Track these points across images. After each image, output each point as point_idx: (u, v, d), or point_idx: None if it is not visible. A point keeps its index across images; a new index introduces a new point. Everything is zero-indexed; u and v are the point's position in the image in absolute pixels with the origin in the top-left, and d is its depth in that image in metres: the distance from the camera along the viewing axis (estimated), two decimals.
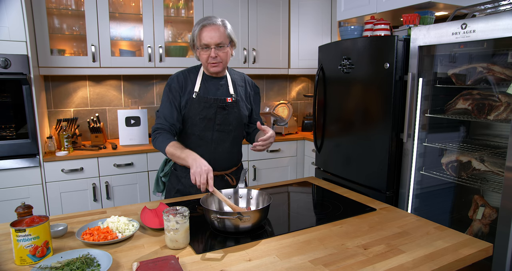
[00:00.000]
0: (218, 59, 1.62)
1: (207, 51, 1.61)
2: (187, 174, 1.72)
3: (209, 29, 1.58)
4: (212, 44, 1.59)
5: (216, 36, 1.58)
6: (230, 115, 1.69)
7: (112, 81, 3.17)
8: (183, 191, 1.75)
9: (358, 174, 2.45)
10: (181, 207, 1.20)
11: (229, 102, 1.69)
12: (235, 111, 1.71)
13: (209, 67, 1.65)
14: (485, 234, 1.99)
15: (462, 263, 1.11)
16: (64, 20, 2.84)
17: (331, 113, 2.69)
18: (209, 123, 1.67)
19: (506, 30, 1.62)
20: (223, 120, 1.68)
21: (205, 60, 1.64)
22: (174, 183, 1.78)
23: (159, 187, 1.88)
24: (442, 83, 2.13)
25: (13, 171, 2.37)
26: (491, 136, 2.19)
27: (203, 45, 1.60)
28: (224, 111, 1.68)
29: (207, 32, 1.58)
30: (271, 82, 3.87)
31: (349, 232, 1.28)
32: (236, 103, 1.71)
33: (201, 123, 1.67)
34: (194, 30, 1.62)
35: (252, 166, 3.20)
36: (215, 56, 1.60)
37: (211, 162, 1.68)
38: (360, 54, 2.36)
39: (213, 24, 1.59)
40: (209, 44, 1.59)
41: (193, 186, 1.72)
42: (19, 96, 2.34)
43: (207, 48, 1.60)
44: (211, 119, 1.67)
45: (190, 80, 1.69)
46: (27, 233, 1.04)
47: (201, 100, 1.65)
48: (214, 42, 1.58)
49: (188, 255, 1.12)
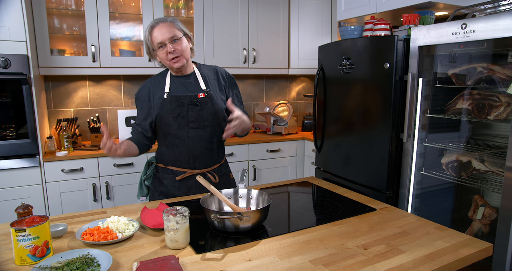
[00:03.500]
0: (176, 53, 1.60)
1: (164, 48, 1.60)
2: (168, 175, 1.73)
3: (158, 28, 1.59)
4: (166, 40, 1.59)
5: (167, 31, 1.58)
6: (203, 111, 1.67)
7: (112, 81, 3.17)
8: (166, 193, 1.74)
9: (358, 174, 2.45)
10: (181, 207, 1.20)
11: (202, 98, 1.67)
12: (209, 106, 1.68)
13: (171, 64, 1.63)
14: (485, 234, 1.99)
15: (462, 263, 1.11)
16: (64, 20, 2.84)
17: (331, 113, 2.69)
18: (182, 122, 1.66)
19: (506, 30, 1.62)
20: (197, 116, 1.66)
21: (165, 59, 1.63)
22: (157, 185, 1.77)
23: (143, 191, 1.86)
24: (442, 83, 2.13)
25: (13, 171, 2.37)
26: (491, 136, 2.19)
27: (158, 45, 1.60)
28: (196, 107, 1.66)
29: (157, 30, 1.59)
30: (271, 82, 3.87)
31: (349, 232, 1.28)
32: (210, 98, 1.68)
33: (175, 122, 1.66)
34: (145, 35, 1.63)
35: (252, 166, 3.20)
36: (173, 50, 1.59)
37: (190, 161, 1.69)
38: (360, 54, 2.36)
39: (160, 22, 1.60)
40: (163, 41, 1.59)
41: (175, 187, 1.72)
42: (19, 96, 2.34)
43: (163, 47, 1.60)
44: (184, 117, 1.66)
45: (159, 84, 1.70)
46: (27, 233, 1.04)
47: (173, 99, 1.65)
48: (166, 37, 1.58)
49: (188, 255, 1.12)
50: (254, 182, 3.24)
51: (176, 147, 1.69)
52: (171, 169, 1.72)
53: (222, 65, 2.33)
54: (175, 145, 1.69)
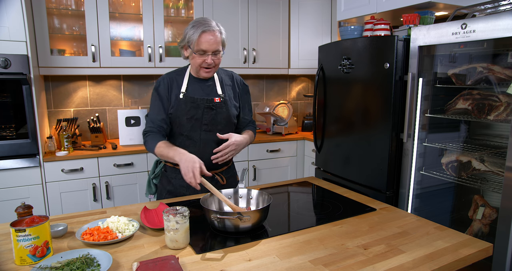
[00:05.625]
0: (213, 65, 1.63)
1: (203, 56, 1.60)
2: (177, 175, 1.73)
3: (209, 35, 1.57)
4: (210, 51, 1.59)
5: (215, 43, 1.58)
6: (218, 115, 1.69)
7: (112, 81, 3.17)
8: (174, 192, 1.75)
9: (358, 174, 2.45)
10: (181, 207, 1.20)
11: (217, 102, 1.68)
12: (224, 111, 1.70)
13: (202, 72, 1.65)
14: (485, 234, 1.99)
15: (462, 263, 1.11)
16: (64, 20, 2.84)
17: (331, 113, 2.69)
18: (196, 124, 1.67)
19: (506, 30, 1.62)
20: (211, 120, 1.68)
21: (198, 65, 1.63)
22: (165, 184, 1.78)
23: (151, 189, 1.87)
24: (442, 83, 2.13)
25: (13, 171, 2.37)
26: (491, 136, 2.20)
27: (200, 51, 1.59)
28: (212, 111, 1.68)
29: (207, 38, 1.57)
30: (271, 82, 3.87)
31: (349, 232, 1.28)
32: (225, 103, 1.70)
33: (188, 124, 1.66)
34: (192, 33, 1.59)
35: (252, 166, 3.20)
36: (212, 63, 1.61)
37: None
38: (360, 54, 2.36)
39: (212, 31, 1.58)
40: (207, 51, 1.59)
41: (184, 187, 1.73)
42: (19, 96, 2.34)
43: (203, 54, 1.60)
44: (198, 119, 1.67)
45: (176, 82, 1.70)
46: (27, 233, 1.04)
47: (188, 101, 1.65)
48: (212, 49, 1.58)
49: (188, 255, 1.12)
50: (254, 182, 3.24)
51: (187, 147, 1.67)
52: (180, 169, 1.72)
53: (222, 65, 2.32)
54: (186, 146, 1.68)
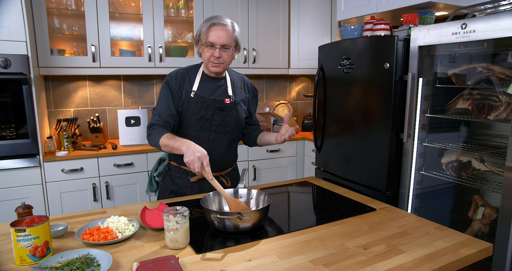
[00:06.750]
0: (220, 60, 1.60)
1: (211, 50, 1.59)
2: (181, 174, 1.72)
3: (218, 29, 1.57)
4: (217, 44, 1.58)
5: (224, 37, 1.57)
6: (227, 116, 1.68)
7: (112, 81, 3.17)
8: (177, 191, 1.74)
9: (358, 174, 2.45)
10: (181, 207, 1.20)
11: (227, 103, 1.68)
12: (233, 113, 1.70)
13: (210, 66, 1.63)
14: (485, 234, 1.99)
15: (462, 263, 1.11)
16: (64, 20, 2.84)
17: (331, 113, 2.69)
18: (205, 124, 1.66)
19: (506, 30, 1.62)
20: (221, 121, 1.67)
21: (207, 58, 1.62)
22: (168, 184, 1.77)
23: (152, 186, 1.87)
24: (442, 83, 2.13)
25: (13, 171, 2.37)
26: (491, 136, 2.20)
27: (208, 43, 1.58)
28: (222, 112, 1.67)
29: (216, 31, 1.57)
30: (271, 82, 3.87)
31: (349, 232, 1.28)
32: (234, 105, 1.70)
33: (198, 124, 1.65)
34: (203, 26, 1.60)
35: (252, 166, 3.20)
36: (219, 56, 1.59)
37: None
38: (360, 54, 2.36)
39: (222, 24, 1.57)
40: (214, 43, 1.58)
41: (187, 187, 1.72)
42: (19, 96, 2.34)
43: (211, 47, 1.59)
44: (208, 120, 1.66)
45: (188, 78, 1.68)
46: (27, 233, 1.04)
47: (199, 100, 1.64)
48: (220, 42, 1.57)
49: (188, 255, 1.12)
50: (254, 182, 3.24)
51: None
52: (185, 169, 1.72)
53: None
54: None
